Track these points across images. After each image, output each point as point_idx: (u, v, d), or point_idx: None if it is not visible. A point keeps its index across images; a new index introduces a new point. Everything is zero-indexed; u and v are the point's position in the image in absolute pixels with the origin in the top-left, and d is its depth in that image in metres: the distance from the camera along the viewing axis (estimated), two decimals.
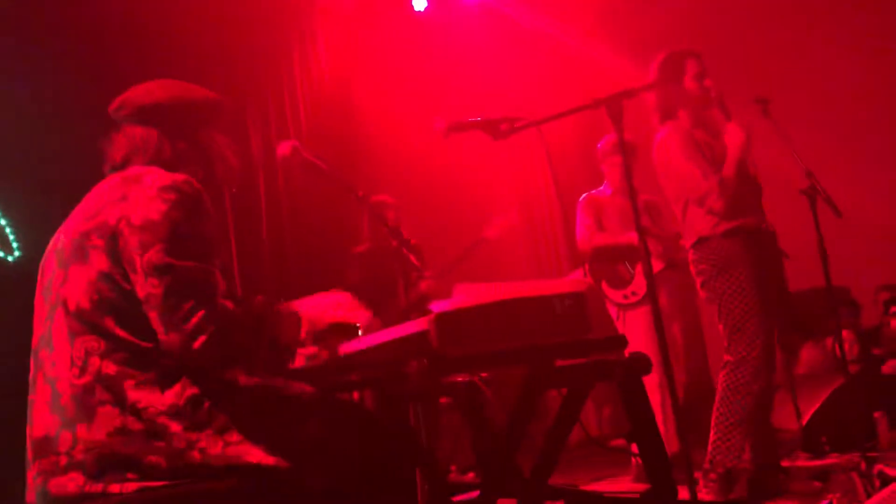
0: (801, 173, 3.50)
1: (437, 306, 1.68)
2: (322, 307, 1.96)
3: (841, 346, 3.81)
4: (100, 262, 1.72)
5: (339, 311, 1.95)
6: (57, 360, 1.72)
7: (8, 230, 4.31)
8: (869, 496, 3.00)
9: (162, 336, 1.67)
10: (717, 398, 3.35)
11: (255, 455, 1.65)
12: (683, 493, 2.13)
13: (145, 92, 1.97)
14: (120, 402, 1.65)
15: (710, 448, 3.33)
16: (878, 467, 3.26)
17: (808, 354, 5.64)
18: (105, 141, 1.94)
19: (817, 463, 4.01)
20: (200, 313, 1.66)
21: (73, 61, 4.38)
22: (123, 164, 1.91)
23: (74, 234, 1.80)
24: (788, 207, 3.95)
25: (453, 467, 4.82)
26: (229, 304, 1.72)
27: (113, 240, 1.72)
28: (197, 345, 1.65)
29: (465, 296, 1.70)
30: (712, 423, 3.34)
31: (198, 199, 1.76)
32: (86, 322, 1.71)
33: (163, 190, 1.73)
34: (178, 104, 1.96)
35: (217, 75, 4.65)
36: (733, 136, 3.35)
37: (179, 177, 1.79)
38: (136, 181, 1.79)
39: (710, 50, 3.64)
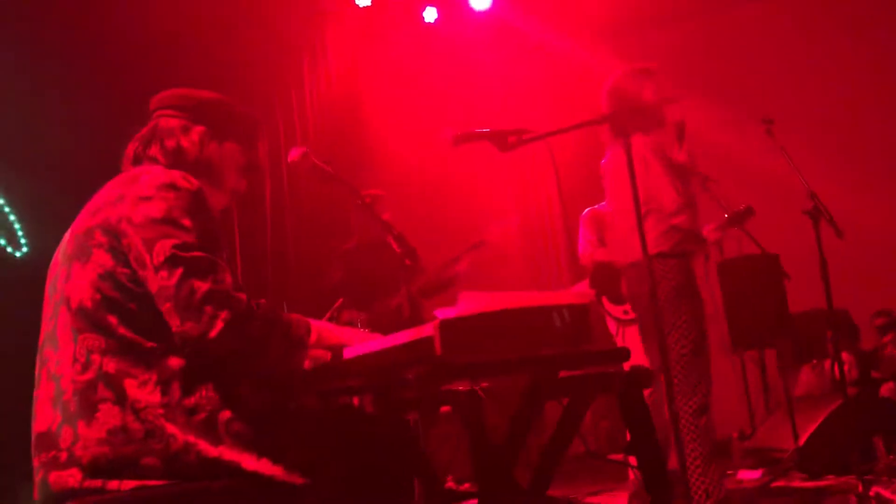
0: (805, 194, 3.52)
1: (442, 313, 1.69)
2: (331, 327, 1.95)
3: (840, 369, 3.81)
4: (102, 260, 1.73)
5: (350, 335, 1.94)
6: (61, 358, 1.73)
7: (16, 226, 4.32)
8: None
9: (177, 328, 1.66)
10: (686, 441, 3.21)
11: (252, 464, 1.65)
12: None
13: (190, 89, 2.03)
14: (120, 400, 1.66)
15: (693, 487, 3.18)
16: (875, 490, 3.27)
17: (807, 376, 5.64)
18: (134, 134, 1.98)
19: (813, 484, 4.01)
20: (215, 300, 1.65)
21: (88, 66, 4.41)
22: (136, 159, 1.94)
23: (77, 231, 1.81)
24: (791, 228, 3.96)
25: (450, 477, 4.82)
26: (242, 296, 1.71)
27: (116, 239, 1.73)
28: (214, 333, 1.64)
29: (470, 303, 1.71)
30: (688, 466, 3.19)
31: (196, 194, 1.77)
32: (88, 320, 1.71)
33: (160, 188, 1.75)
34: (221, 105, 2.02)
35: (227, 82, 4.67)
36: (679, 160, 3.39)
37: (176, 173, 1.80)
38: (134, 181, 1.81)
39: (715, 66, 3.65)
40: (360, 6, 6.37)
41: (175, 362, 1.69)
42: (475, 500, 2.18)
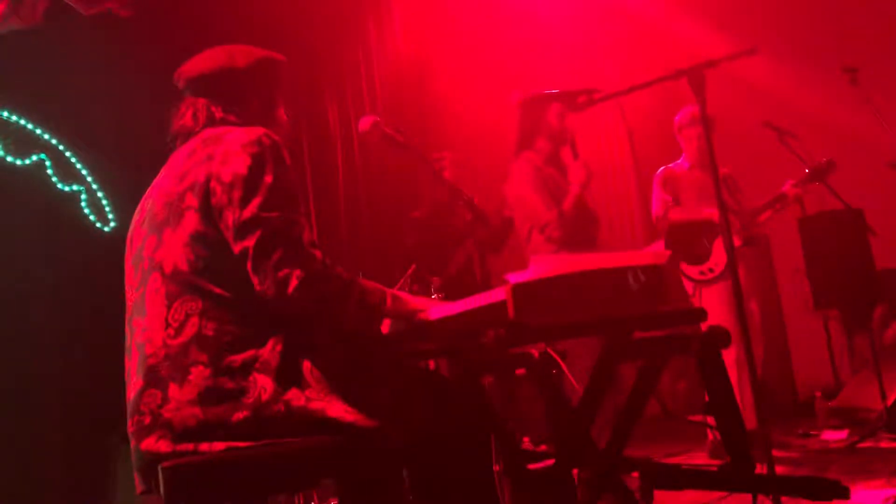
0: (891, 145, 3.38)
1: (514, 277, 1.69)
2: (405, 295, 1.99)
3: None
4: (193, 223, 1.79)
5: (424, 303, 1.96)
6: (149, 325, 1.79)
7: (104, 202, 4.50)
8: None
9: (258, 287, 1.74)
10: None
11: (336, 410, 1.71)
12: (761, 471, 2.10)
13: (194, 63, 2.07)
14: (214, 362, 1.71)
15: None
16: None
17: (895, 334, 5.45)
18: (173, 111, 2.04)
19: None
20: (289, 261, 1.72)
21: (164, 36, 4.50)
22: (192, 130, 1.99)
23: (168, 198, 1.86)
24: (876, 182, 3.80)
25: (526, 439, 4.84)
26: (318, 253, 1.77)
27: (206, 198, 1.79)
28: (290, 290, 1.71)
29: (542, 267, 1.71)
30: None
31: (278, 150, 1.83)
32: (184, 283, 1.77)
33: (246, 146, 1.81)
34: (221, 73, 2.04)
35: (294, 50, 4.72)
36: (576, 174, 3.71)
37: (259, 130, 1.86)
38: (218, 140, 1.86)
39: (796, 16, 3.51)
40: None
41: (266, 315, 1.76)
42: (552, 461, 2.20)
